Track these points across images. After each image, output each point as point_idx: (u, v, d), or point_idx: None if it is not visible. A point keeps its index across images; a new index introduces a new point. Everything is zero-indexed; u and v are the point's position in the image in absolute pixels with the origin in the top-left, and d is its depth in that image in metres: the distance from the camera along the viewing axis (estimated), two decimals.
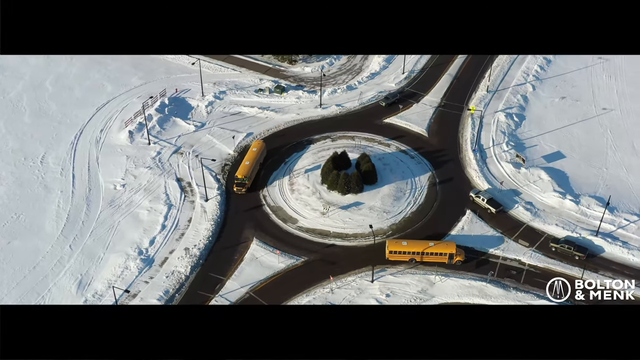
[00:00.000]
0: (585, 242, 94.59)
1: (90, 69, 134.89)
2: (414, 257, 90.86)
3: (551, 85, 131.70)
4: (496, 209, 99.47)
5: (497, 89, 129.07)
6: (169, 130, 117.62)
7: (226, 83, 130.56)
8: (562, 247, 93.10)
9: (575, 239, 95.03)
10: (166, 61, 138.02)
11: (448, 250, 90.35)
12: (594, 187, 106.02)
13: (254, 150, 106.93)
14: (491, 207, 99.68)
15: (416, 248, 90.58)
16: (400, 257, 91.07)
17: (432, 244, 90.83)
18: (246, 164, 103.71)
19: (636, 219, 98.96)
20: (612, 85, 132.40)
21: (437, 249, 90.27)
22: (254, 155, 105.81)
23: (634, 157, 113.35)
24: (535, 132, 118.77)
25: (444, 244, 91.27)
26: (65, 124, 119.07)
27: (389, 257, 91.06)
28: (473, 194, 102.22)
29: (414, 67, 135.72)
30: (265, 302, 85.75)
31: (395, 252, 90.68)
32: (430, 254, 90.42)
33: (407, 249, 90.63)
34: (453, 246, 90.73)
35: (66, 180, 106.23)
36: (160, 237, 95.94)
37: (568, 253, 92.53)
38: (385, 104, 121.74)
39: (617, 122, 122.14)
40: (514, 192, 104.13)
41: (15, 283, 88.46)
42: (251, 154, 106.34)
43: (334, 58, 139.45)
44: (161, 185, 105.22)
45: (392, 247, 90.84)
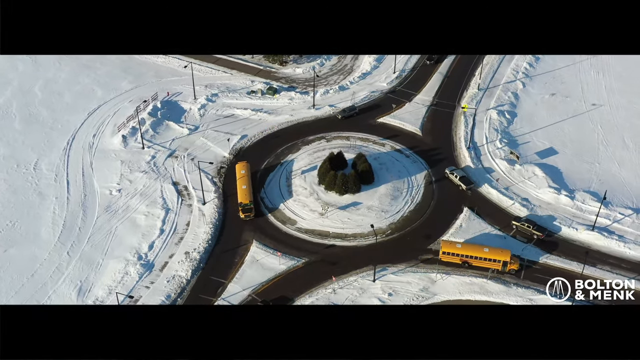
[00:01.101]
0: (544, 223, 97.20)
1: (79, 74, 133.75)
2: (467, 261, 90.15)
3: (541, 82, 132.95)
4: (467, 186, 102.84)
5: (487, 86, 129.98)
6: (162, 134, 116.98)
7: (217, 85, 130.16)
8: (523, 225, 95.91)
9: (537, 218, 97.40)
10: (156, 64, 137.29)
11: (502, 257, 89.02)
12: (588, 182, 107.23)
13: (242, 173, 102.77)
14: (462, 184, 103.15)
15: (470, 252, 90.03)
16: (453, 258, 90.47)
17: (486, 249, 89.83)
18: (243, 188, 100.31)
19: (631, 212, 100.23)
20: (600, 80, 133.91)
21: (492, 255, 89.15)
22: (246, 178, 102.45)
23: (625, 151, 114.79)
24: (527, 128, 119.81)
25: (499, 251, 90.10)
26: (57, 130, 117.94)
27: (441, 257, 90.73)
28: (448, 171, 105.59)
29: (405, 66, 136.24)
30: None
31: (448, 254, 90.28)
32: (483, 259, 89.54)
33: (460, 251, 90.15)
34: (508, 254, 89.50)
35: (60, 186, 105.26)
36: (159, 242, 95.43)
37: (528, 232, 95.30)
38: (342, 117, 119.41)
39: (607, 117, 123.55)
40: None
41: (14, 291, 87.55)
42: (243, 177, 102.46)
43: (325, 59, 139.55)
44: (157, 189, 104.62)
45: (446, 248, 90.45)
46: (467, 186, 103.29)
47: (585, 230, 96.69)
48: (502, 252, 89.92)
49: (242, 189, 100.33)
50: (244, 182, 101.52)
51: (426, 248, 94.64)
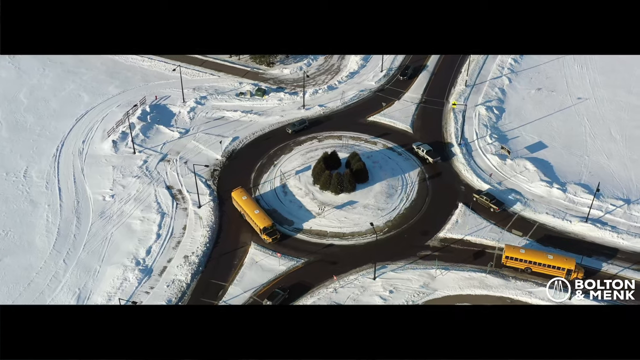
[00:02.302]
0: (502, 198, 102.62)
1: (64, 80, 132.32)
2: (530, 267, 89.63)
3: (526, 77, 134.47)
4: (433, 159, 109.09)
5: (475, 83, 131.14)
6: (153, 138, 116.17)
7: (206, 88, 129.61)
8: (482, 197, 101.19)
9: (495, 193, 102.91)
10: (142, 68, 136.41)
11: (567, 265, 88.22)
12: (578, 175, 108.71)
13: (244, 199, 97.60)
14: (429, 158, 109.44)
15: (533, 258, 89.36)
16: (516, 263, 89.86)
17: (550, 256, 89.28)
18: (256, 212, 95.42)
19: (622, 203, 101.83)
20: (584, 74, 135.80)
21: (556, 262, 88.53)
22: (252, 201, 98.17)
23: (612, 143, 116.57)
24: (516, 123, 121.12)
25: (563, 259, 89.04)
26: (45, 137, 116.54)
27: (504, 262, 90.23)
28: (415, 146, 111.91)
29: (392, 64, 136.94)
30: None
31: (511, 258, 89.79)
32: (547, 266, 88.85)
33: (524, 256, 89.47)
34: (573, 262, 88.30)
35: (52, 193, 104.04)
36: (157, 247, 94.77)
37: (486, 204, 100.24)
38: (292, 131, 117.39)
39: (593, 110, 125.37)
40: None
41: (11, 301, 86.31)
42: (248, 202, 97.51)
43: (312, 59, 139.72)
44: (151, 194, 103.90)
45: (509, 252, 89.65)
46: (433, 159, 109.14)
47: (579, 222, 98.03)
48: (567, 260, 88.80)
49: (255, 214, 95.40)
50: (253, 206, 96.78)
51: (424, 245, 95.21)
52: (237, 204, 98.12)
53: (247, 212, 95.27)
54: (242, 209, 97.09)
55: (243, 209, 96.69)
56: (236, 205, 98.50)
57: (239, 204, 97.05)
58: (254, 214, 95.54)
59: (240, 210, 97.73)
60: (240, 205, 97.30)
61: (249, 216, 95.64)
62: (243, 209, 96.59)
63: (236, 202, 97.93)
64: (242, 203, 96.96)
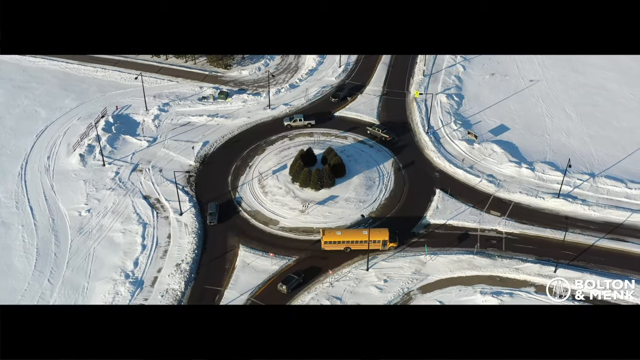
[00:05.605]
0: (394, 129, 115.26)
1: (16, 96, 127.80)
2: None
3: (479, 64, 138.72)
4: (390, 136, 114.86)
5: (431, 72, 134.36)
6: (120, 148, 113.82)
7: (166, 95, 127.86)
8: (374, 129, 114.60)
9: (386, 126, 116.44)
10: (96, 79, 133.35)
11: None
12: (543, 154, 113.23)
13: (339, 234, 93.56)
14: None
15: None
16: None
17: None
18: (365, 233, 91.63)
19: (587, 177, 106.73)
20: (532, 58, 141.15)
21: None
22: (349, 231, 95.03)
23: (569, 121, 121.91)
24: (476, 109, 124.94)
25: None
26: (6, 155, 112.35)
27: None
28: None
29: (349, 59, 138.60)
30: None
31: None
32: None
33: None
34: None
35: (24, 213, 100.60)
36: (144, 257, 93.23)
37: (378, 134, 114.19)
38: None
39: (546, 91, 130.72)
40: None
41: None
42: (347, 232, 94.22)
43: (268, 58, 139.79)
44: (129, 205, 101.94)
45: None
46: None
47: (552, 199, 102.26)
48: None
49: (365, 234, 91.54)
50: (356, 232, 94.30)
51: (410, 232, 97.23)
52: (335, 244, 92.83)
53: (355, 240, 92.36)
54: (346, 243, 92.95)
55: (348, 242, 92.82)
56: (334, 246, 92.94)
57: (338, 240, 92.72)
58: (364, 235, 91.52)
59: (344, 247, 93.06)
60: (341, 242, 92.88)
61: (359, 242, 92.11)
62: (347, 241, 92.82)
63: (333, 242, 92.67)
64: (342, 238, 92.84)
